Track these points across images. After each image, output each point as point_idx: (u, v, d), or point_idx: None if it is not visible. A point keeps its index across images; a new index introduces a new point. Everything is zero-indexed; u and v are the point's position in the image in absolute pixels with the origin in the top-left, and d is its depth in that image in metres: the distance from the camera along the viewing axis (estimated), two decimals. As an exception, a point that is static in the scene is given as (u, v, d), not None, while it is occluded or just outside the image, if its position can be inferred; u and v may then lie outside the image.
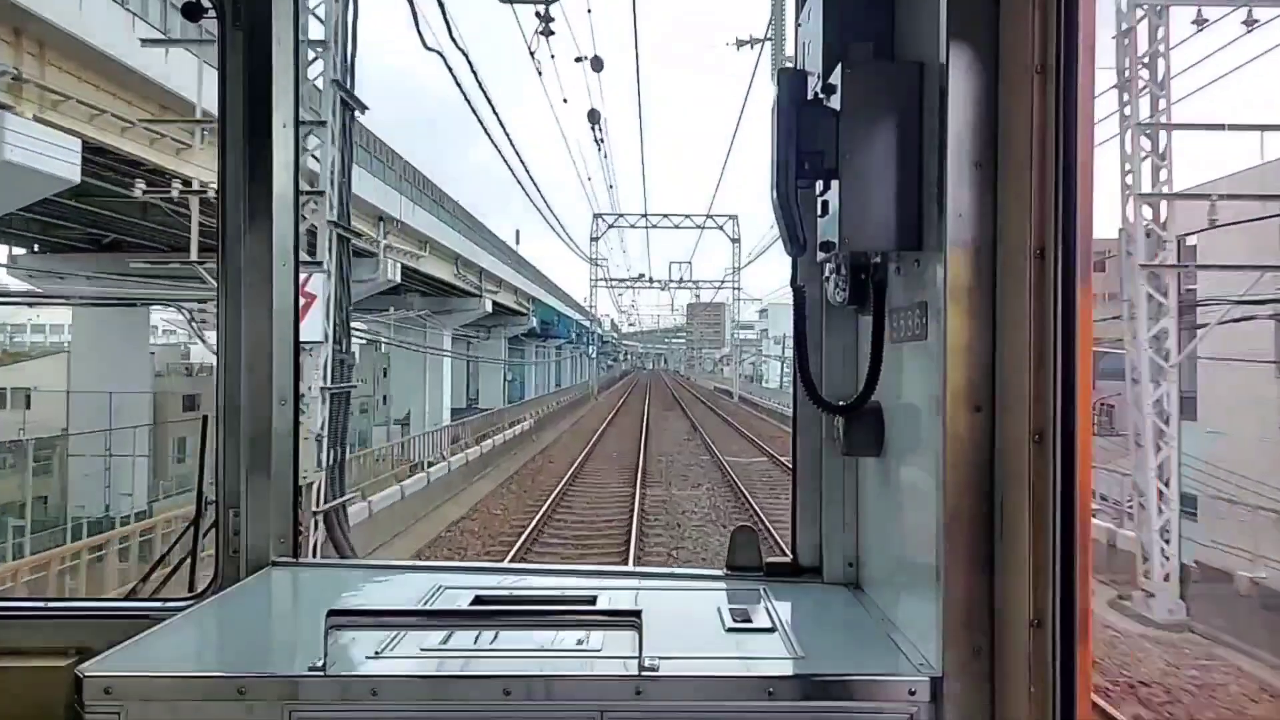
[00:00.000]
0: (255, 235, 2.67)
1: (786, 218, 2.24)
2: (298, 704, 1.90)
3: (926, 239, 2.03)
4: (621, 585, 2.70)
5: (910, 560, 2.17)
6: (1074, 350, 1.76)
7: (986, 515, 1.87)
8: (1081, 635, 1.75)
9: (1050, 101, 1.79)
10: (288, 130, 2.73)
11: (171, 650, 2.14)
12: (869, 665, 2.00)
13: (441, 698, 1.93)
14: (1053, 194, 1.78)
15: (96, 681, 1.89)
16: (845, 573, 2.60)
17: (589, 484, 26.35)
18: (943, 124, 1.88)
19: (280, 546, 2.71)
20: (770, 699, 1.91)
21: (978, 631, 1.87)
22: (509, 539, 19.02)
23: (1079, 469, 1.76)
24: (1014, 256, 1.84)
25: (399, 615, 2.23)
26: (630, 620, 1.97)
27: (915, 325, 2.09)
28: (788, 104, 2.17)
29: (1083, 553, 1.75)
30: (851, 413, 2.34)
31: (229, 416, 2.68)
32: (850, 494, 2.59)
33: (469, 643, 2.12)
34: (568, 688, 1.94)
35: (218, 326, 2.70)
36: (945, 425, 1.88)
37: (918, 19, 2.11)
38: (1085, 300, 1.76)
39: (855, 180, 2.08)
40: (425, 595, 2.46)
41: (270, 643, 2.34)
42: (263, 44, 2.66)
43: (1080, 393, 1.76)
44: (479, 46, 16.42)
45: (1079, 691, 1.76)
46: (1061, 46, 1.77)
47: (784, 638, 2.19)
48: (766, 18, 13.77)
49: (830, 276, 2.41)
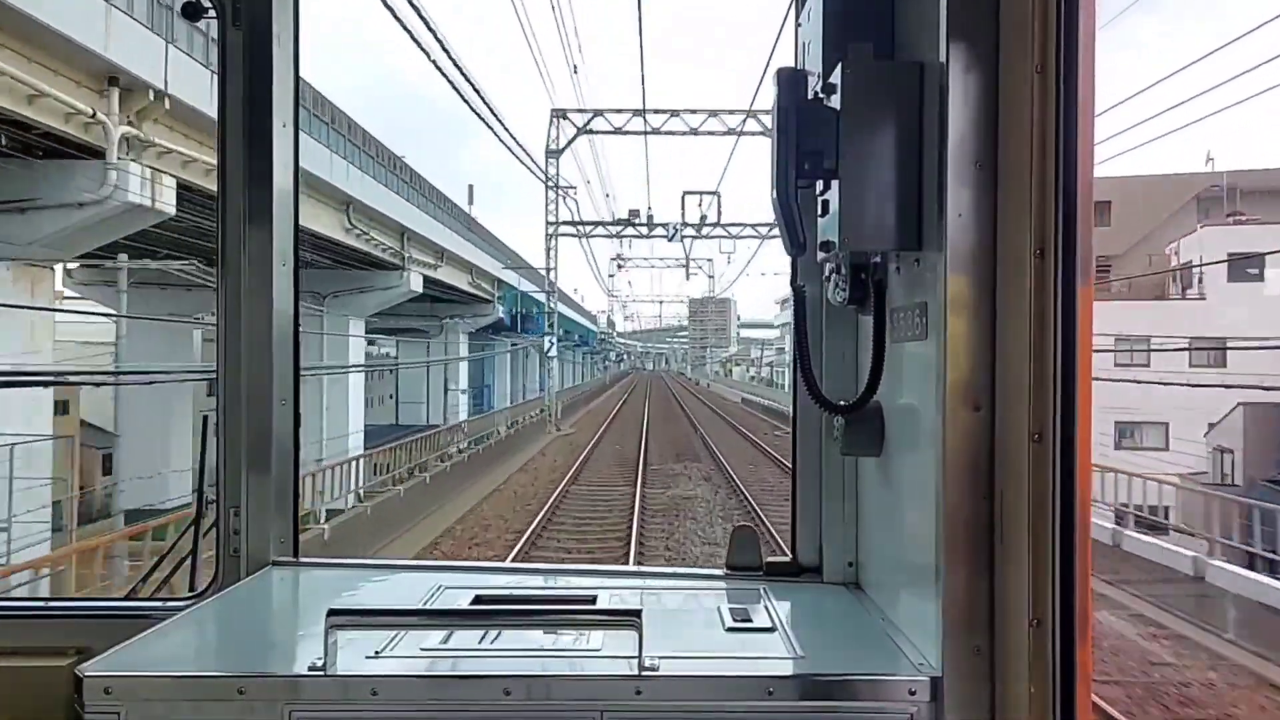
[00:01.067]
0: (255, 235, 2.68)
1: (786, 217, 2.24)
2: (298, 704, 1.90)
3: (926, 239, 2.03)
4: (621, 585, 2.70)
5: (910, 560, 2.17)
6: (1074, 350, 1.77)
7: (986, 515, 1.87)
8: (1081, 635, 1.75)
9: (1050, 101, 1.79)
10: (288, 130, 2.73)
11: (171, 650, 2.14)
12: (869, 665, 2.01)
13: (441, 698, 1.93)
14: (1053, 194, 1.79)
15: (96, 681, 1.89)
16: (845, 572, 2.60)
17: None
18: (943, 124, 1.88)
19: (280, 546, 2.71)
20: (770, 699, 1.91)
21: (978, 631, 1.87)
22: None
23: (1079, 469, 1.76)
24: (1014, 256, 1.84)
25: (399, 615, 2.24)
26: (630, 620, 1.97)
27: (915, 325, 2.09)
28: (787, 103, 2.17)
29: (1082, 552, 1.75)
30: (852, 412, 2.34)
31: (229, 416, 2.68)
32: (850, 493, 2.59)
33: (469, 643, 2.12)
34: (568, 688, 1.94)
35: (218, 326, 2.70)
36: (945, 425, 1.88)
37: (918, 19, 2.11)
38: (1085, 300, 1.76)
39: (855, 180, 2.08)
40: (425, 595, 2.46)
41: (270, 643, 2.34)
42: (262, 43, 2.66)
43: (1080, 393, 1.76)
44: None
45: (1079, 691, 1.76)
46: (1061, 46, 1.77)
47: (784, 637, 2.19)
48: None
49: (830, 276, 2.41)
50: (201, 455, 2.80)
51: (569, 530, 21.17)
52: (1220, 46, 20.51)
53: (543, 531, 20.79)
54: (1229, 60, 17.37)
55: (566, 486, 26.73)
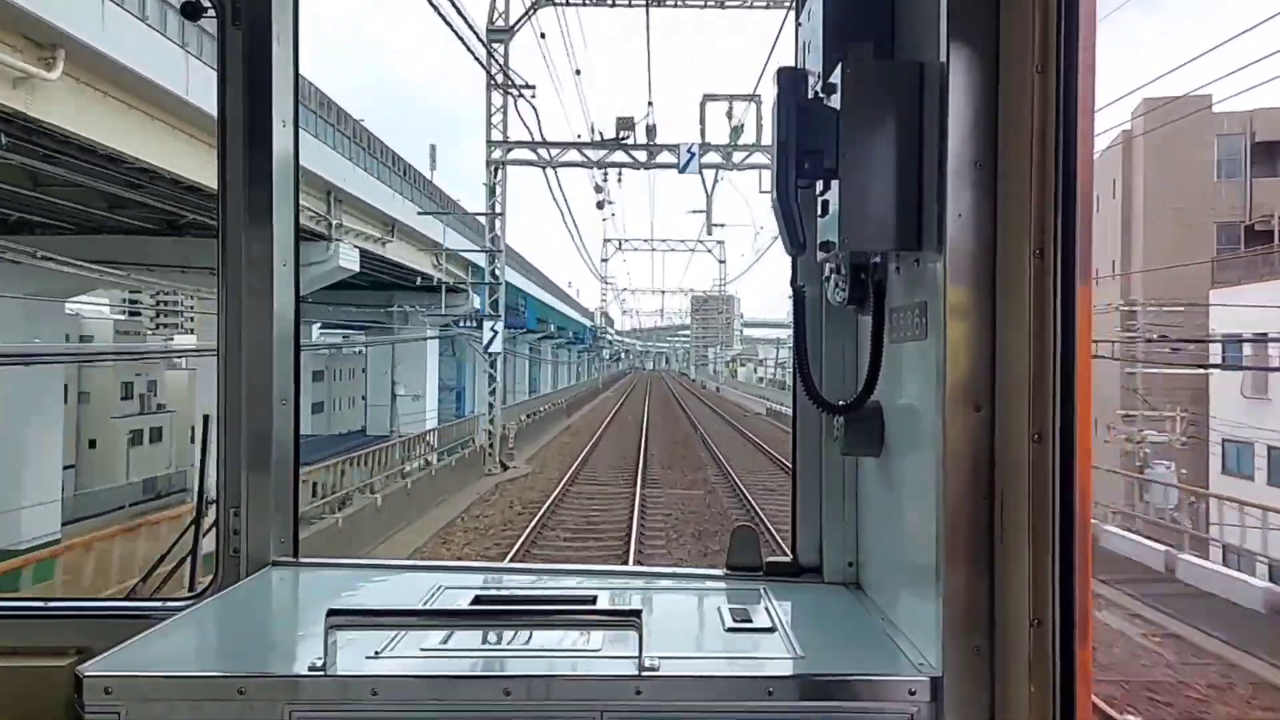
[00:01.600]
0: (255, 235, 2.68)
1: (786, 218, 2.24)
2: (298, 704, 1.90)
3: (926, 239, 2.03)
4: (621, 585, 2.70)
5: (910, 560, 2.17)
6: (1074, 350, 1.77)
7: (986, 515, 1.87)
8: (1081, 635, 1.75)
9: (1050, 101, 1.79)
10: (288, 129, 2.73)
11: (171, 650, 2.14)
12: (869, 665, 2.01)
13: (441, 698, 1.93)
14: (1053, 194, 1.79)
15: (96, 681, 1.89)
16: (845, 572, 2.60)
17: None
18: (943, 124, 1.88)
19: (280, 546, 2.71)
20: (770, 699, 1.91)
21: (978, 631, 1.87)
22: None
23: (1079, 468, 1.76)
24: (1014, 256, 1.84)
25: (399, 615, 2.24)
26: (630, 620, 1.97)
27: (915, 325, 2.09)
28: (787, 103, 2.17)
29: (1083, 552, 1.75)
30: (851, 412, 2.34)
31: (229, 416, 2.68)
32: (850, 493, 2.59)
33: (469, 643, 2.12)
34: (568, 688, 1.94)
35: (218, 326, 2.70)
36: (945, 425, 1.88)
37: (918, 19, 2.11)
38: (1085, 300, 1.76)
39: (855, 180, 2.08)
40: (425, 595, 2.46)
41: (270, 643, 2.34)
42: (262, 42, 2.66)
43: (1080, 392, 1.76)
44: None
45: (1079, 691, 1.76)
46: (1061, 46, 1.77)
47: (784, 637, 2.19)
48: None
49: (830, 276, 2.41)
50: (202, 455, 2.80)
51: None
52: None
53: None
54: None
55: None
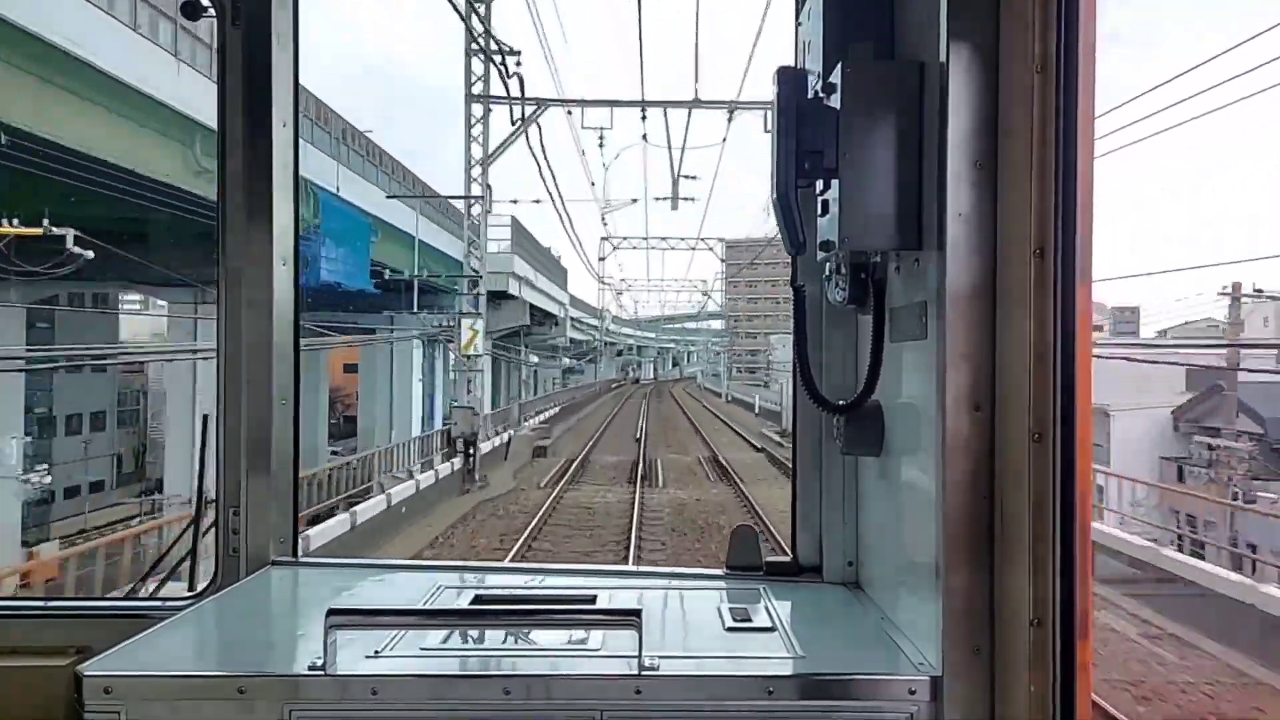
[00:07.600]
0: (255, 235, 2.68)
1: (786, 217, 2.24)
2: (298, 704, 1.90)
3: (926, 239, 2.03)
4: (621, 585, 2.70)
5: (910, 559, 2.17)
6: (1074, 350, 1.77)
7: (986, 514, 1.87)
8: (1081, 634, 1.75)
9: (1050, 101, 1.79)
10: (287, 129, 2.73)
11: (171, 650, 2.14)
12: (869, 664, 2.01)
13: (441, 698, 1.93)
14: (1053, 194, 1.79)
15: (96, 681, 1.89)
16: (845, 572, 2.60)
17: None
18: (943, 124, 1.88)
19: (280, 546, 2.71)
20: (770, 698, 1.91)
21: (978, 630, 1.87)
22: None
23: (1079, 468, 1.76)
24: (1014, 256, 1.84)
25: (399, 615, 2.24)
26: (630, 620, 1.97)
27: (915, 325, 2.09)
28: (787, 103, 2.17)
29: (1083, 551, 1.75)
30: (851, 412, 2.34)
31: (229, 416, 2.68)
32: (850, 493, 2.59)
33: (469, 642, 2.12)
34: (567, 687, 1.94)
35: (217, 326, 2.70)
36: (945, 424, 1.88)
37: (918, 19, 2.11)
38: (1085, 300, 1.76)
39: (855, 180, 2.08)
40: (425, 595, 2.46)
41: (270, 642, 2.34)
42: (262, 42, 2.66)
43: (1080, 392, 1.76)
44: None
45: (1079, 690, 1.76)
46: (1061, 46, 1.77)
47: (784, 637, 2.19)
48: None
49: (830, 276, 2.41)
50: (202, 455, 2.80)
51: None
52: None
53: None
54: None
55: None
